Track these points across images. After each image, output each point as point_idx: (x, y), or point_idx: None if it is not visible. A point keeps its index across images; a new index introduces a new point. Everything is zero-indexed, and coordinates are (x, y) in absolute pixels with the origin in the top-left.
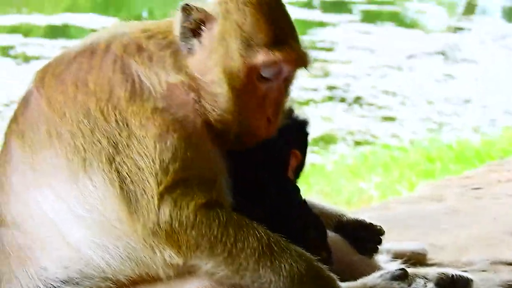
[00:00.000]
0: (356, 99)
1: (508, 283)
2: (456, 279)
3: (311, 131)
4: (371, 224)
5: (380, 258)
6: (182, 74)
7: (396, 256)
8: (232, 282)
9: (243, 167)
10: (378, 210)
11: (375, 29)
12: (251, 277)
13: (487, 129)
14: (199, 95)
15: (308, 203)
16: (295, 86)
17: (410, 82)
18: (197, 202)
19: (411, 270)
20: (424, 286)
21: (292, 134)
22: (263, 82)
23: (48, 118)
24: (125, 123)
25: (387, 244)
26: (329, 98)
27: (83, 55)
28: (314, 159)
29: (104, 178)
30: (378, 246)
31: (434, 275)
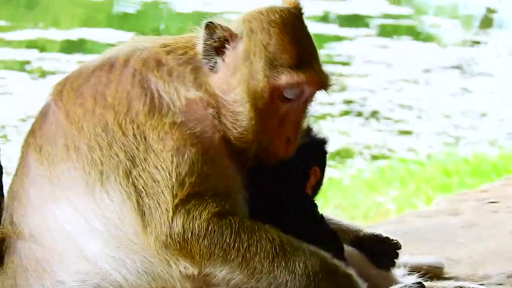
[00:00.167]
0: (373, 113)
1: None
2: None
3: (329, 148)
4: (387, 238)
5: (397, 272)
6: (202, 90)
7: (413, 270)
8: (249, 286)
9: (261, 183)
10: (395, 224)
11: (392, 43)
12: (267, 279)
13: (504, 142)
14: (219, 112)
15: (326, 218)
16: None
17: (426, 96)
18: (210, 211)
19: (428, 284)
20: None
21: (311, 152)
22: (284, 102)
23: (66, 131)
24: (143, 137)
25: (404, 257)
26: (345, 112)
27: (101, 69)
28: (331, 173)
29: (121, 192)
30: (395, 260)
31: None
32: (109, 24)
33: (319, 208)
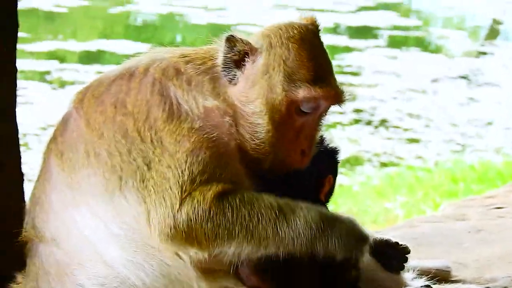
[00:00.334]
0: (382, 122)
1: None
2: None
3: (340, 157)
4: (397, 243)
5: (406, 275)
6: (220, 100)
7: (421, 273)
8: (259, 254)
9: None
10: (403, 228)
11: (401, 54)
12: (274, 243)
13: (509, 150)
14: (237, 122)
15: None
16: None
17: (434, 105)
18: (213, 192)
19: (436, 286)
20: None
21: (325, 162)
22: (301, 116)
23: (86, 138)
24: (159, 141)
25: (413, 261)
26: (355, 121)
27: (122, 77)
28: (342, 180)
29: (137, 196)
30: (404, 264)
31: None
32: (126, 35)
33: None
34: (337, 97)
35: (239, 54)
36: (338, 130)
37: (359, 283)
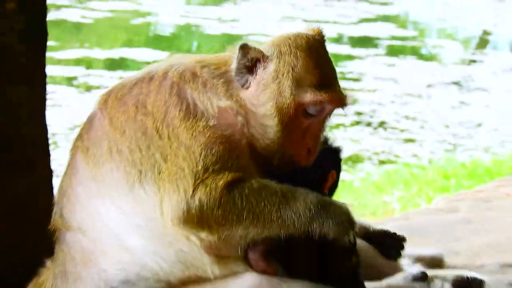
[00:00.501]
0: (381, 123)
1: None
2: (471, 280)
3: (343, 155)
4: (394, 233)
5: (403, 262)
6: (233, 101)
7: (416, 260)
8: (263, 236)
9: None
10: (400, 220)
11: (398, 62)
12: (278, 225)
13: (497, 149)
14: (248, 122)
15: None
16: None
17: (428, 109)
18: (225, 180)
19: (430, 272)
20: (442, 287)
21: (329, 159)
22: (307, 118)
23: (110, 136)
24: (177, 137)
25: (409, 250)
26: (356, 123)
27: (142, 81)
28: (344, 176)
29: (155, 187)
30: (401, 252)
31: (451, 276)
32: (146, 44)
33: None
34: (340, 101)
35: (251, 61)
36: (340, 131)
37: (359, 269)
